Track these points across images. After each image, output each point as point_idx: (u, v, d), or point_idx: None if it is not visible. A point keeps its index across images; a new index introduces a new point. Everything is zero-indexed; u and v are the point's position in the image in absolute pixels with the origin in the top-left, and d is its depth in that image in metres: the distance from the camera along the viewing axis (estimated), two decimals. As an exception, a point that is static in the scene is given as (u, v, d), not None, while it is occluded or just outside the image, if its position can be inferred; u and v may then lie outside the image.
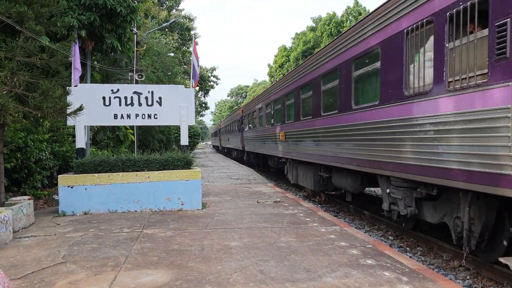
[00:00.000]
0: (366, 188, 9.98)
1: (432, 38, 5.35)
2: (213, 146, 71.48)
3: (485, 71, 4.42)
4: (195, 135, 36.30)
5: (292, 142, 12.10)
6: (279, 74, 53.97)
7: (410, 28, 5.81)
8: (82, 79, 12.94)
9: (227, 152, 39.81)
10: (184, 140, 9.35)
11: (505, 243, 5.02)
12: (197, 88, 46.71)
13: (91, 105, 8.59)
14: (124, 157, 8.62)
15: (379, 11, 6.74)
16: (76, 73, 10.29)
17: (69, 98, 7.76)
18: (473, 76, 4.56)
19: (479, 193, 4.86)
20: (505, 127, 4.12)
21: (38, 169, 10.00)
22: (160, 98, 9.11)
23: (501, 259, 4.52)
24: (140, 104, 9.04)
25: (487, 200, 5.00)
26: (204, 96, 54.01)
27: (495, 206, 5.01)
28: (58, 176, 8.18)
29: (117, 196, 8.15)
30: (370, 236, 7.21)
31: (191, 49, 21.50)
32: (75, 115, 7.62)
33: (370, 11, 7.33)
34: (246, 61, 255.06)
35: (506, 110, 4.10)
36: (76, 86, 9.33)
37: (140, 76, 16.16)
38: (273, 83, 15.47)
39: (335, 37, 9.22)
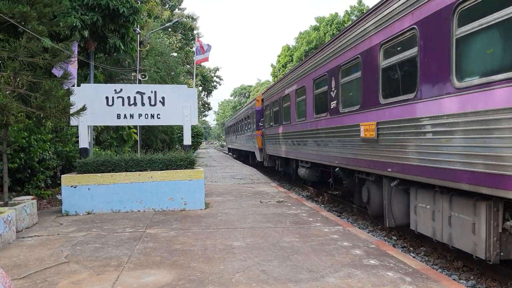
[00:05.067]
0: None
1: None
2: (230, 150, 39.35)
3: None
4: (198, 135, 36.20)
5: None
6: (282, 74, 53.82)
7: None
8: (86, 79, 12.98)
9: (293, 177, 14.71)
10: (187, 140, 9.35)
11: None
12: (200, 88, 46.68)
13: (94, 105, 8.61)
14: (127, 157, 8.64)
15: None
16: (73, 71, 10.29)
17: (72, 98, 7.78)
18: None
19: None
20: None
21: (42, 169, 10.03)
22: (163, 98, 9.12)
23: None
24: (143, 104, 9.06)
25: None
26: (207, 96, 54.02)
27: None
28: (62, 176, 8.19)
29: (120, 196, 8.16)
30: (373, 236, 7.17)
31: (193, 49, 21.53)
32: (78, 115, 7.63)
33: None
34: (249, 61, 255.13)
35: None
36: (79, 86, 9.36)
37: (143, 76, 16.17)
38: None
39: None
